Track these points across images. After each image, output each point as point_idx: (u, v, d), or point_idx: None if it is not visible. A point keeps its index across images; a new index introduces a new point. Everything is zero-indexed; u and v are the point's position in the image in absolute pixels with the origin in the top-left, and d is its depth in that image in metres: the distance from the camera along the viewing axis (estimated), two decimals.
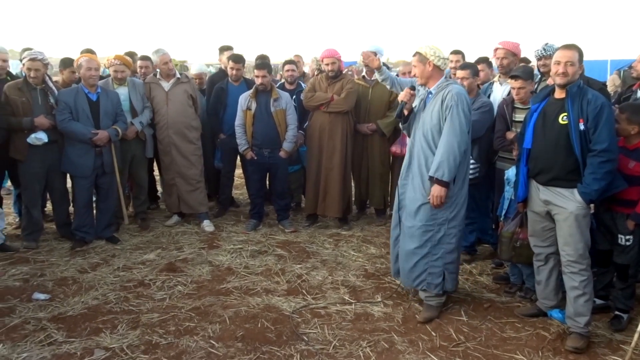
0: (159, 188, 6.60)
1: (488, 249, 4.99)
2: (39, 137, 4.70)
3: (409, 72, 5.73)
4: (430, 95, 3.70)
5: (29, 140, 4.68)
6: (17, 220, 5.62)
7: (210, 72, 7.08)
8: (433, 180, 3.52)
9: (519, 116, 4.23)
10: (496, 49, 4.84)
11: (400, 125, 3.98)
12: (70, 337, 3.37)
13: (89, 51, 6.13)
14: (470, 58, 5.92)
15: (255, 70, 5.41)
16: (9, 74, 5.17)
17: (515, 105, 4.26)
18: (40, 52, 4.80)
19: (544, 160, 3.30)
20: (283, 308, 3.80)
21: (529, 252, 3.62)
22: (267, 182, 5.88)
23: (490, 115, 4.41)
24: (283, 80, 6.25)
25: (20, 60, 4.82)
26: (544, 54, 4.40)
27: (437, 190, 3.52)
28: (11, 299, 3.91)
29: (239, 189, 7.23)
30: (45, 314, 3.68)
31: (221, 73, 6.31)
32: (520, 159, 3.50)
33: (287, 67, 6.03)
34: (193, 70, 6.84)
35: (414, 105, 3.80)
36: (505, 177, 4.02)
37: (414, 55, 3.73)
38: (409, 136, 3.85)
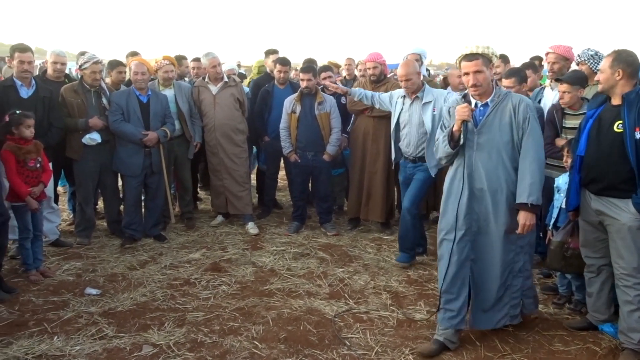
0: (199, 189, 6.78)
1: (535, 258, 4.84)
2: (93, 138, 4.89)
3: (459, 79, 5.68)
4: (483, 109, 3.20)
5: (83, 140, 4.88)
6: (71, 217, 5.85)
7: (236, 71, 7.19)
8: (527, 206, 3.09)
9: (569, 122, 4.11)
10: (547, 53, 4.72)
11: (447, 149, 3.23)
12: (120, 332, 3.48)
13: (134, 54, 6.34)
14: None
15: (300, 74, 5.45)
16: (66, 76, 5.38)
17: (566, 111, 4.14)
18: (96, 55, 4.99)
19: (598, 168, 3.18)
20: (325, 311, 3.81)
21: (579, 263, 3.51)
22: (310, 185, 5.91)
23: (541, 121, 4.29)
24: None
25: (79, 65, 5.00)
26: (579, 59, 4.34)
27: (528, 217, 3.11)
28: (65, 293, 4.07)
29: (282, 191, 7.29)
30: (97, 309, 3.81)
31: (266, 76, 6.39)
32: (573, 166, 3.39)
33: (322, 74, 5.99)
34: (224, 68, 6.95)
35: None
36: (554, 185, 3.91)
37: (472, 59, 3.09)
38: (448, 160, 3.33)
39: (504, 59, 5.81)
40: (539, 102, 4.66)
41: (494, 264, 3.23)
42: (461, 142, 3.16)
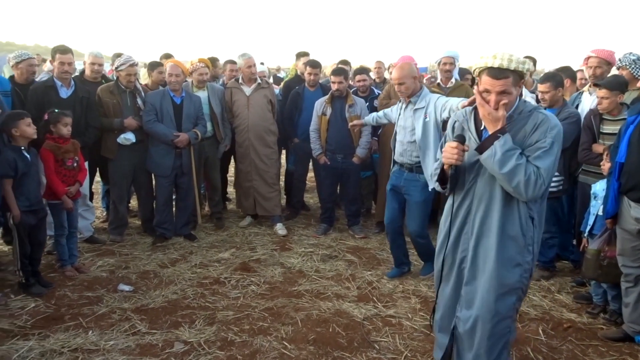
0: (229, 189, 6.85)
1: (567, 266, 4.76)
2: (128, 138, 4.99)
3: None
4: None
5: (118, 140, 4.99)
6: (104, 214, 5.97)
7: (267, 73, 7.24)
8: None
9: (607, 128, 4.02)
10: (588, 57, 4.62)
11: (439, 188, 2.64)
12: (152, 329, 3.54)
13: (168, 56, 6.45)
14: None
15: (331, 77, 5.46)
16: (103, 77, 5.51)
17: (604, 117, 4.05)
18: (132, 58, 5.09)
19: (638, 176, 3.10)
20: (354, 314, 3.80)
21: (616, 272, 3.42)
22: (338, 187, 5.91)
23: (577, 127, 4.22)
24: (355, 87, 6.24)
25: (116, 66, 5.11)
26: (619, 64, 4.25)
27: None
28: (99, 288, 4.16)
29: (310, 192, 7.31)
30: (130, 305, 3.88)
31: (297, 79, 6.43)
32: (612, 172, 3.31)
33: (357, 77, 5.99)
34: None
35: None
36: (591, 192, 3.82)
37: (500, 76, 2.29)
38: (451, 189, 2.56)
39: (531, 60, 5.73)
40: (577, 107, 4.57)
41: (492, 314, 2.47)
42: (447, 190, 2.56)
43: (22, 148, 3.96)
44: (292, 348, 3.33)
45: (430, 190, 4.18)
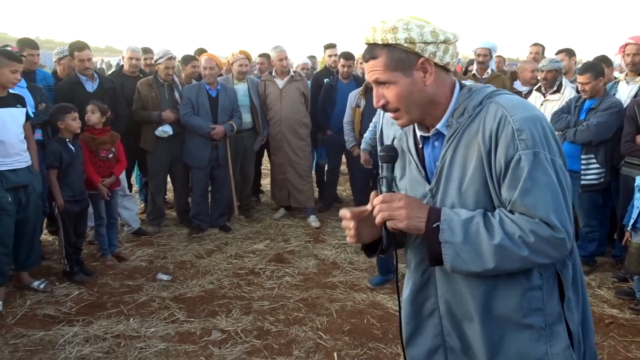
0: (262, 182, 6.92)
1: (608, 261, 4.65)
2: (165, 130, 5.10)
3: (531, 74, 5.52)
4: (436, 141, 1.52)
5: (156, 132, 5.10)
6: (142, 206, 6.12)
7: (310, 65, 7.23)
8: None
9: None
10: (626, 45, 4.48)
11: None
12: (190, 317, 3.63)
13: (202, 51, 6.54)
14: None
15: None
16: (141, 71, 5.64)
17: None
18: (170, 51, 5.19)
19: None
20: (388, 306, 3.81)
21: None
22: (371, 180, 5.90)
23: (620, 117, 4.10)
24: None
25: (154, 60, 5.22)
26: None
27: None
28: (139, 277, 4.28)
29: (342, 185, 7.32)
30: (168, 294, 3.99)
31: (325, 71, 6.43)
32: None
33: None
34: (298, 62, 7.05)
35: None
36: (635, 184, 3.72)
37: (368, 59, 1.41)
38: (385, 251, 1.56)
39: (569, 52, 5.59)
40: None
41: None
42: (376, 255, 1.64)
43: (67, 140, 4.09)
44: (327, 338, 3.36)
45: None
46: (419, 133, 1.50)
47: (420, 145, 1.51)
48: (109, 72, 6.81)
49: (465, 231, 1.30)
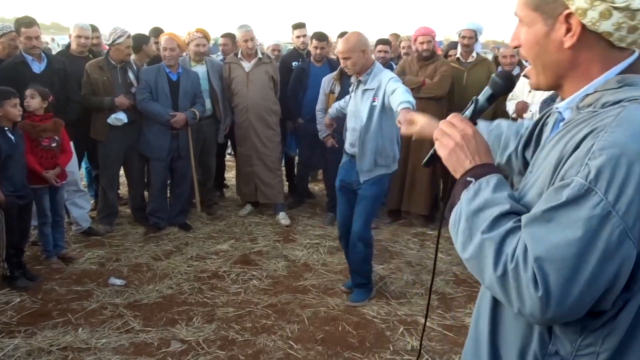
0: (226, 175, 6.87)
1: None
2: (119, 118, 4.99)
3: (510, 56, 5.58)
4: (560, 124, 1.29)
5: (109, 120, 4.99)
6: (91, 202, 5.99)
7: (282, 47, 7.17)
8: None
9: None
10: None
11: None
12: (146, 326, 3.58)
13: (158, 31, 6.41)
14: None
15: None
16: (90, 51, 5.50)
17: None
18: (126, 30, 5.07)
19: None
20: (365, 311, 3.83)
21: None
22: None
23: None
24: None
25: (112, 40, 5.07)
26: None
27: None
28: (88, 282, 4.20)
29: (314, 178, 7.32)
30: (122, 300, 3.92)
31: (294, 53, 6.35)
32: None
33: (379, 47, 5.97)
34: (269, 42, 6.99)
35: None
36: None
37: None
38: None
39: None
40: None
41: None
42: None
43: (6, 129, 3.97)
44: (298, 348, 3.36)
45: (384, 186, 3.99)
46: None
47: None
48: (55, 53, 6.63)
49: (479, 208, 1.15)
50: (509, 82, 1.37)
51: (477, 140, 1.25)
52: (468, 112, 1.37)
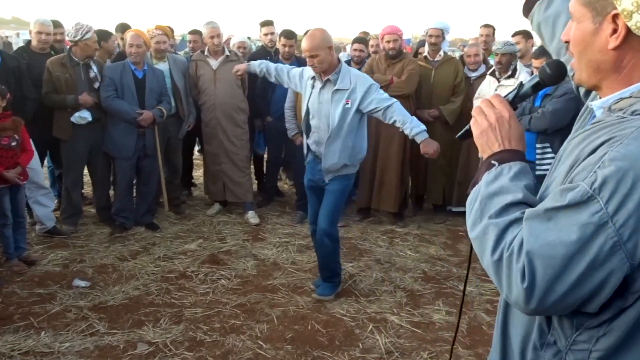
0: (194, 174, 6.80)
1: None
2: (83, 116, 4.88)
3: (475, 55, 5.65)
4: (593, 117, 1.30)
5: (72, 119, 4.87)
6: (55, 202, 5.85)
7: (248, 44, 7.09)
8: None
9: None
10: None
11: None
12: (112, 329, 3.51)
13: (125, 26, 6.30)
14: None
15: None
16: (52, 47, 5.36)
17: None
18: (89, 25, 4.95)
19: None
20: (334, 310, 3.83)
21: None
22: None
23: (576, 104, 4.27)
24: (349, 59, 6.23)
25: (76, 37, 4.95)
26: None
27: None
28: (52, 284, 4.09)
29: (284, 177, 7.29)
30: (86, 302, 3.84)
31: (262, 50, 6.33)
32: None
33: (355, 45, 5.99)
34: (235, 40, 6.92)
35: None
36: None
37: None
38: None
39: (526, 35, 5.78)
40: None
41: None
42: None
43: None
44: (267, 348, 3.34)
45: (351, 181, 3.98)
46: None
47: None
48: (15, 49, 6.45)
49: (494, 192, 1.18)
50: (558, 73, 1.35)
51: (512, 125, 1.26)
52: (511, 95, 1.38)
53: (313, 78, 3.84)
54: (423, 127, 3.71)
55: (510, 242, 1.08)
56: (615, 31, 1.09)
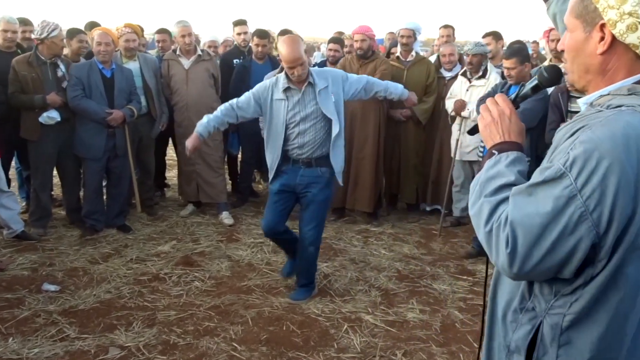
0: (167, 175, 6.72)
1: None
2: (52, 116, 4.78)
3: (450, 55, 5.71)
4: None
5: (40, 119, 4.77)
6: (23, 204, 5.73)
7: (219, 43, 7.05)
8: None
9: (576, 106, 4.17)
10: (550, 29, 4.78)
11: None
12: (83, 333, 3.45)
13: (94, 24, 6.20)
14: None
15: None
16: (19, 46, 5.24)
17: (572, 94, 4.20)
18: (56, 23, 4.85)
19: None
20: (309, 310, 3.83)
21: None
22: None
23: (545, 104, 4.36)
24: (324, 59, 6.24)
25: (42, 34, 4.85)
26: None
27: None
28: (20, 289, 4.00)
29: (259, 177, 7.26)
30: (56, 307, 3.76)
31: (235, 50, 6.30)
32: None
33: (331, 45, 6.00)
34: (206, 38, 6.88)
35: None
36: None
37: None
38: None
39: (496, 36, 5.86)
40: None
41: None
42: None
43: None
44: (242, 350, 3.32)
45: (332, 188, 3.98)
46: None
47: None
48: None
49: (492, 176, 1.37)
50: (554, 76, 1.52)
51: (512, 121, 1.46)
52: (513, 95, 1.58)
53: (286, 89, 3.71)
54: (401, 86, 4.21)
55: (499, 215, 1.26)
56: (602, 39, 1.27)
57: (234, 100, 3.88)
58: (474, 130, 1.67)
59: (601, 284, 1.22)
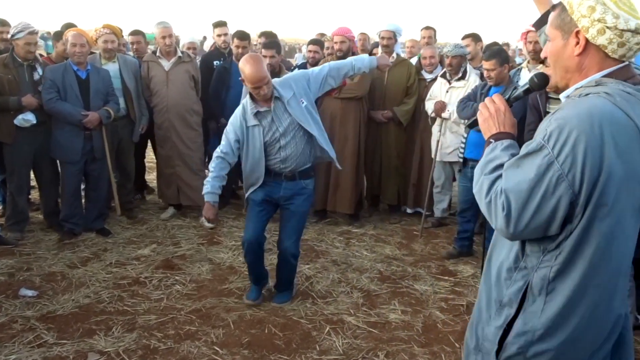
0: (147, 177, 6.66)
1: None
2: (27, 119, 4.72)
3: (430, 57, 5.74)
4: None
5: (16, 121, 4.70)
6: (0, 208, 5.63)
7: (198, 44, 7.02)
8: None
9: (554, 107, 4.22)
10: (528, 32, 4.82)
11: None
12: (61, 339, 3.40)
13: (71, 25, 6.12)
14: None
15: (262, 50, 5.39)
16: None
17: (550, 96, 4.24)
18: (31, 25, 4.78)
19: None
20: (291, 313, 3.82)
21: None
22: None
23: (524, 105, 4.40)
24: (305, 61, 6.24)
25: (11, 34, 4.78)
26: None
27: None
28: None
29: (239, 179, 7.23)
30: (34, 312, 3.70)
31: (215, 52, 6.27)
32: None
33: (310, 47, 6.00)
34: (185, 40, 6.85)
35: None
36: None
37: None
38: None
39: (475, 38, 5.92)
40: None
41: None
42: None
43: None
44: (224, 353, 3.30)
45: (312, 198, 4.01)
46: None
47: None
48: None
49: (490, 159, 1.65)
50: (542, 82, 1.77)
51: (506, 116, 1.75)
52: (507, 96, 1.85)
53: (257, 113, 3.59)
54: (366, 56, 4.05)
55: (496, 188, 1.55)
56: (578, 43, 1.55)
57: (218, 151, 3.76)
58: (473, 124, 1.96)
59: (577, 237, 1.48)
